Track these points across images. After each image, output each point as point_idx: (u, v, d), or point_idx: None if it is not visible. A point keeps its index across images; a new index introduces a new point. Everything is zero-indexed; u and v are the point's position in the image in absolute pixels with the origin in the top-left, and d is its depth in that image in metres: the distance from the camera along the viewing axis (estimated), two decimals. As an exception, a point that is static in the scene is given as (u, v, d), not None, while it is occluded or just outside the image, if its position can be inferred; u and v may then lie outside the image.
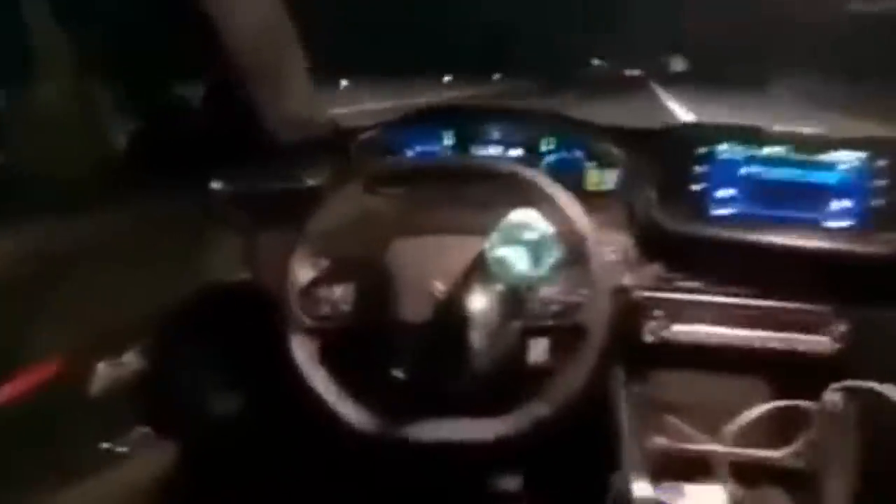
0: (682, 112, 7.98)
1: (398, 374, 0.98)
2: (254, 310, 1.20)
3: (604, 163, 1.25)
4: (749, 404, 1.16)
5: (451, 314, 0.94)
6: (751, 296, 1.13)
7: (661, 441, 1.18)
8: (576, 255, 0.96)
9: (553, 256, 0.92)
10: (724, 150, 1.11)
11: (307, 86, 1.37)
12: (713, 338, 1.13)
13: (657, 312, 1.14)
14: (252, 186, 1.26)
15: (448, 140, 1.31)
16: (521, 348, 1.05)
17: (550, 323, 1.00)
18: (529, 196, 0.97)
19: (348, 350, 1.04)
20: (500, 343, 0.97)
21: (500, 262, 0.90)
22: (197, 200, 1.24)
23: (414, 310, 0.97)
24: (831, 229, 1.09)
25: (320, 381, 1.00)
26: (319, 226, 1.03)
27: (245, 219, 1.27)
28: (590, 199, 1.01)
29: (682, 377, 1.20)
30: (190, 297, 1.19)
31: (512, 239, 0.91)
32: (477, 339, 0.94)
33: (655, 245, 1.15)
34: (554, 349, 1.03)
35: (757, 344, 1.12)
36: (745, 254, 1.12)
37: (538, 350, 1.07)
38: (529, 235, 0.91)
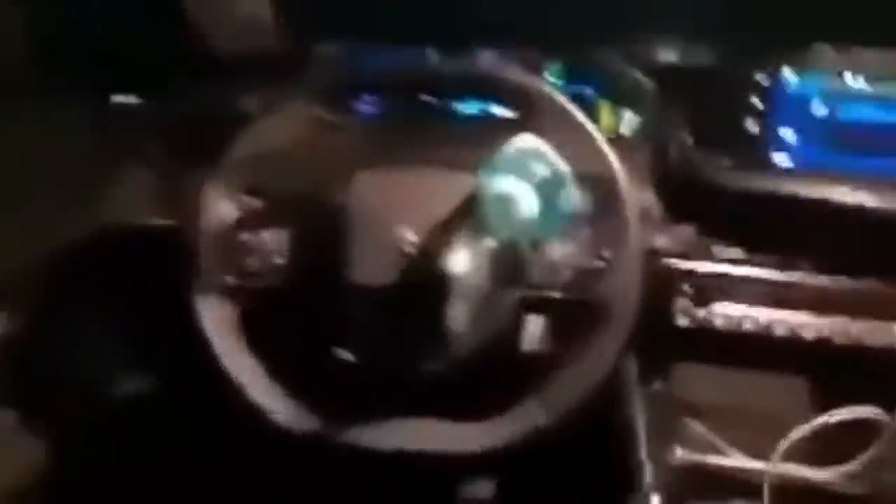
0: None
1: (348, 355, 0.73)
2: (164, 263, 0.93)
3: (622, 100, 0.98)
4: (799, 411, 0.91)
5: (424, 276, 0.68)
6: (813, 270, 0.87)
7: (686, 454, 0.93)
8: (599, 205, 0.70)
9: (569, 203, 0.66)
10: (791, 78, 0.85)
11: None
12: (759, 323, 0.87)
13: (688, 287, 0.88)
14: (168, 105, 0.97)
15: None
16: (517, 328, 0.78)
17: (559, 295, 0.73)
18: (539, 121, 0.70)
19: (280, 320, 0.78)
20: (491, 319, 0.71)
21: (500, 201, 0.62)
22: (95, 118, 0.96)
23: (373, 267, 0.70)
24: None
25: (238, 362, 0.74)
26: (247, 151, 0.75)
27: (156, 146, 0.98)
28: None
29: (716, 373, 0.95)
30: (80, 242, 0.92)
31: (515, 173, 0.64)
32: (459, 311, 0.68)
33: (689, 200, 0.88)
34: (560, 331, 0.77)
35: (815, 333, 0.86)
36: (810, 215, 0.85)
37: (538, 331, 0.81)
38: (539, 171, 0.64)
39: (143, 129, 0.97)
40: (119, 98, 0.94)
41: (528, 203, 0.61)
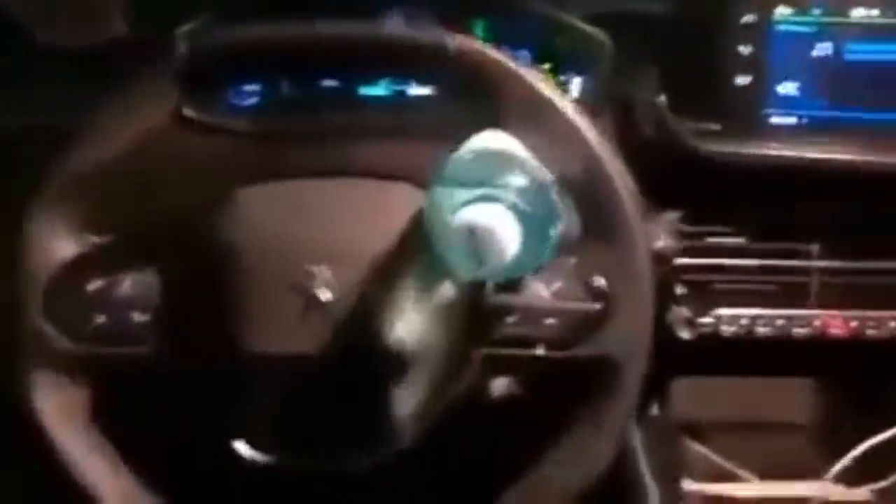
0: None
1: (245, 448, 0.52)
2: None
3: (563, 65, 0.79)
4: (825, 424, 0.76)
5: (351, 336, 0.48)
6: (832, 255, 0.71)
7: (695, 485, 0.77)
8: (591, 224, 0.50)
9: (554, 225, 0.46)
10: (784, 17, 0.68)
11: None
12: (776, 325, 0.71)
13: (684, 290, 0.71)
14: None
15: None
16: (485, 401, 0.58)
17: (542, 353, 0.52)
18: (504, 110, 0.50)
19: (146, 402, 0.57)
20: (447, 392, 0.52)
21: (464, 232, 0.42)
22: None
23: (276, 326, 0.49)
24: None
25: (88, 464, 0.52)
26: (88, 158, 0.52)
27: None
28: None
29: (720, 387, 0.78)
30: None
31: (479, 186, 0.43)
32: (402, 384, 0.49)
33: (670, 178, 0.70)
34: (546, 398, 0.57)
35: (844, 330, 0.71)
36: (821, 185, 0.69)
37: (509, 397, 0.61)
38: (513, 182, 0.44)
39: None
40: None
41: (506, 233, 0.41)
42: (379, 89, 0.81)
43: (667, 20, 0.73)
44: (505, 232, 0.41)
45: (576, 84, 0.79)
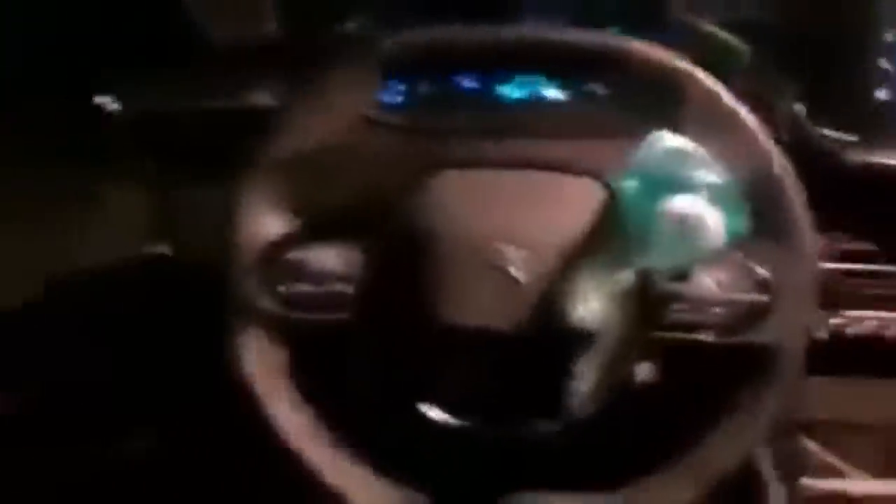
0: None
1: (436, 413, 0.57)
2: (175, 301, 0.76)
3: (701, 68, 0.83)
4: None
5: (539, 311, 0.52)
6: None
7: (814, 484, 0.79)
8: (764, 221, 0.53)
9: (739, 220, 0.50)
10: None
11: None
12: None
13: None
14: (166, 105, 0.78)
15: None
16: (652, 380, 0.62)
17: (708, 339, 0.55)
18: (679, 112, 0.53)
19: (345, 365, 0.63)
20: (621, 369, 0.56)
21: (672, 228, 0.46)
22: (80, 130, 0.77)
23: (469, 300, 0.54)
24: None
25: (289, 418, 0.57)
26: (296, 143, 0.57)
27: (156, 157, 0.79)
28: None
29: (843, 389, 0.80)
30: (70, 285, 0.74)
31: (676, 182, 0.47)
32: (583, 360, 0.53)
33: (806, 184, 0.74)
34: (706, 381, 0.61)
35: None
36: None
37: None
38: (701, 178, 0.48)
39: (129, 137, 0.79)
40: (102, 101, 0.76)
41: (715, 221, 0.45)
42: (518, 91, 0.85)
43: (808, 33, 0.75)
44: (712, 220, 0.45)
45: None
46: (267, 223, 0.57)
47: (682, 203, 0.45)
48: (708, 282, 0.54)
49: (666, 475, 0.55)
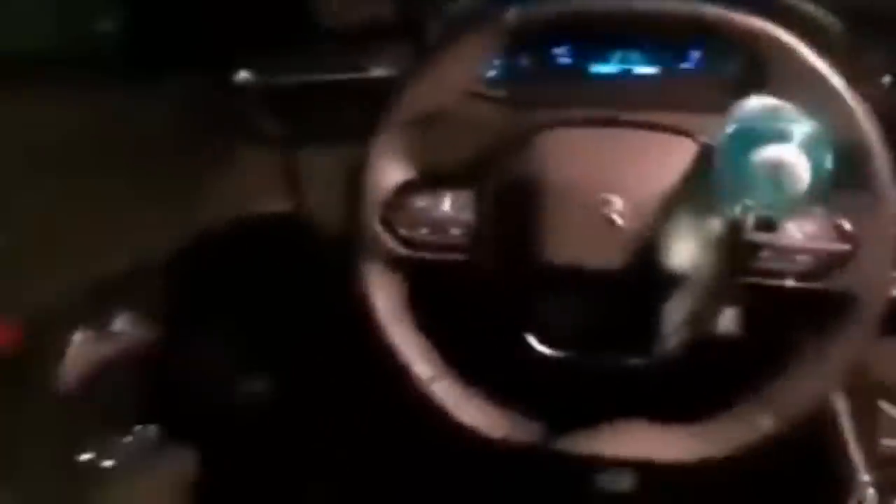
0: None
1: (541, 344, 0.62)
2: (300, 254, 0.84)
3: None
4: None
5: (636, 255, 0.57)
6: None
7: (893, 443, 0.81)
8: (849, 174, 0.56)
9: (829, 170, 0.53)
10: None
11: None
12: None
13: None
14: (292, 78, 0.86)
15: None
16: (739, 321, 0.67)
17: (793, 284, 0.59)
18: (771, 71, 0.57)
19: (460, 300, 0.69)
20: (711, 311, 0.61)
21: (766, 173, 0.50)
22: (216, 99, 0.86)
23: (574, 242, 0.59)
24: None
25: (408, 343, 0.64)
26: (425, 93, 0.63)
27: (284, 125, 0.88)
28: None
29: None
30: (207, 236, 0.83)
31: (771, 132, 0.52)
32: (676, 300, 0.58)
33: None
34: (790, 323, 0.65)
35: None
36: None
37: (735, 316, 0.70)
38: (799, 129, 0.53)
39: (261, 106, 0.88)
40: (241, 75, 0.84)
41: (802, 166, 0.50)
42: (609, 67, 0.90)
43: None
44: (803, 167, 0.49)
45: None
46: (391, 174, 0.64)
47: (775, 151, 0.50)
48: (794, 231, 0.59)
49: (746, 408, 0.60)
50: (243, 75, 0.85)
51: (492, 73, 0.82)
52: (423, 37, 0.88)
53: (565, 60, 0.84)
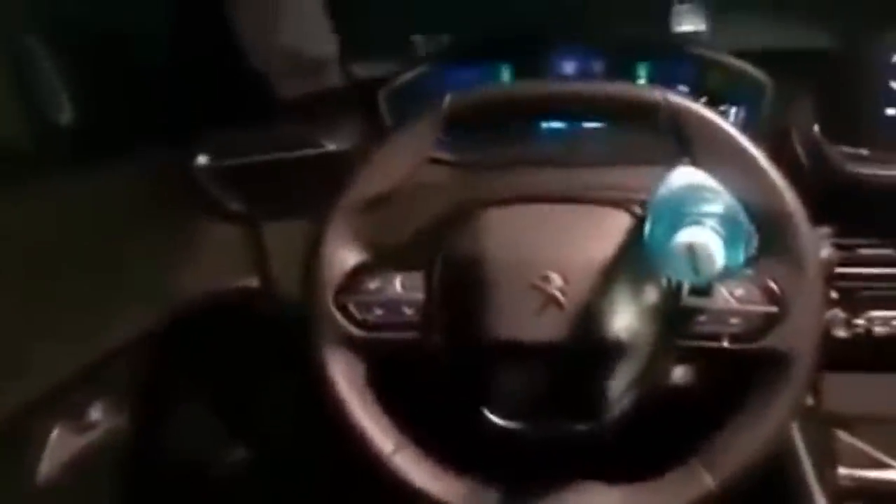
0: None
1: (494, 416, 0.65)
2: (266, 327, 0.87)
3: (720, 98, 0.89)
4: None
5: (578, 328, 0.60)
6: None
7: (850, 473, 0.84)
8: (773, 242, 0.60)
9: (747, 243, 0.58)
10: (932, 55, 0.76)
11: (321, 20, 0.98)
12: (923, 326, 0.79)
13: (838, 295, 0.80)
14: (251, 158, 0.90)
15: (507, 79, 0.95)
16: (677, 384, 0.71)
17: (727, 346, 0.62)
18: (693, 146, 0.61)
19: (414, 377, 0.71)
20: (650, 375, 0.63)
21: (682, 255, 0.54)
22: (176, 181, 0.89)
23: (516, 319, 0.62)
24: None
25: (369, 420, 0.66)
26: (368, 188, 0.66)
27: (244, 202, 0.91)
28: None
29: (872, 383, 0.86)
30: (176, 316, 0.85)
31: (687, 215, 0.56)
32: (617, 368, 0.61)
33: (825, 198, 0.80)
34: (726, 384, 0.68)
35: None
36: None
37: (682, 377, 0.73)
38: (713, 209, 0.56)
39: (222, 185, 0.91)
40: (200, 159, 0.87)
41: (716, 248, 0.53)
42: (559, 122, 0.94)
43: (820, 57, 0.81)
44: (715, 250, 0.53)
45: (732, 115, 0.89)
46: (344, 258, 0.67)
47: (689, 235, 0.53)
48: (726, 296, 0.62)
49: (692, 466, 0.62)
50: (202, 159, 0.88)
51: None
52: (377, 111, 0.93)
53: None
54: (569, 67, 0.96)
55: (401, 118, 0.76)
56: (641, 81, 0.92)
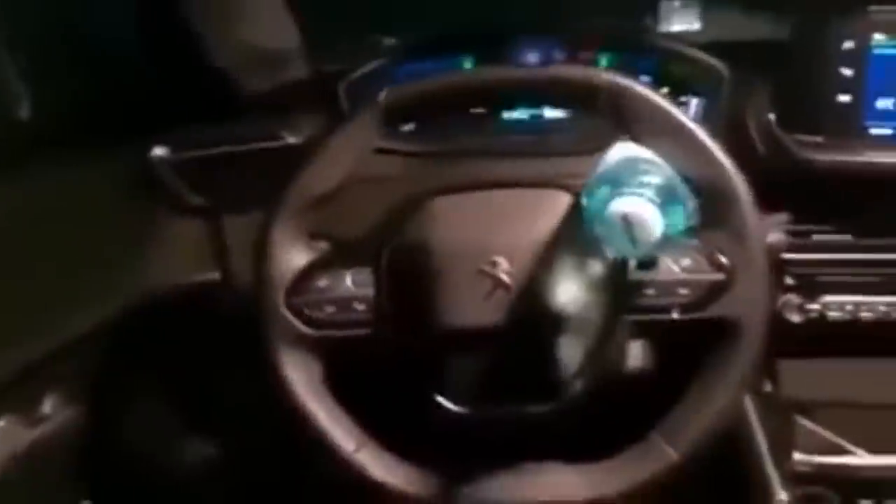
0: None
1: (447, 403, 0.66)
2: (225, 321, 0.86)
3: (681, 88, 0.91)
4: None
5: (526, 309, 0.61)
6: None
7: (806, 457, 0.85)
8: (713, 212, 0.61)
9: (687, 214, 0.58)
10: (881, 41, 0.76)
11: (281, 14, 0.98)
12: (878, 311, 0.80)
13: (794, 281, 0.81)
14: (210, 150, 0.89)
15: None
16: (631, 357, 0.71)
17: (678, 316, 0.63)
18: (633, 123, 0.62)
19: (369, 370, 0.71)
20: (602, 351, 0.64)
21: (618, 222, 0.54)
22: (135, 174, 0.88)
23: (468, 305, 0.62)
24: None
25: (329, 420, 0.66)
26: (314, 180, 0.66)
27: (204, 195, 0.91)
28: None
29: (827, 368, 0.87)
30: (133, 309, 0.84)
31: (625, 186, 0.56)
32: (567, 346, 0.62)
33: (781, 185, 0.81)
34: (681, 355, 0.69)
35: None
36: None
37: (640, 352, 0.74)
38: (652, 181, 0.57)
39: (181, 179, 0.90)
40: (156, 151, 0.87)
41: (653, 217, 0.54)
42: (519, 114, 0.94)
43: (776, 47, 0.82)
44: (651, 218, 0.53)
45: (693, 105, 0.90)
46: (293, 258, 0.67)
47: (625, 205, 0.54)
48: (673, 267, 0.63)
49: (652, 440, 0.63)
50: (158, 151, 0.87)
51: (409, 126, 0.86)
52: (337, 103, 0.93)
53: (477, 109, 0.88)
54: (531, 59, 0.97)
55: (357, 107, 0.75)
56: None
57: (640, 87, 0.62)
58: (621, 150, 0.60)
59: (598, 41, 0.94)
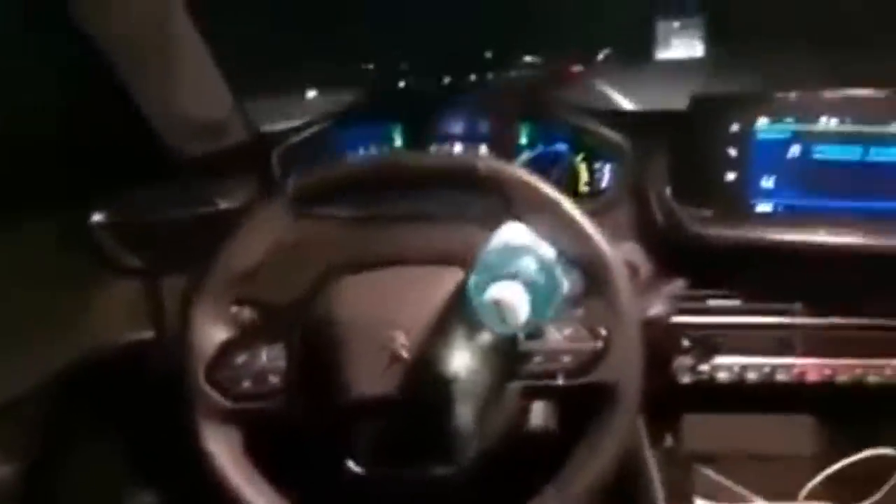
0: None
1: (355, 466, 0.70)
2: (161, 381, 0.90)
3: (595, 155, 0.98)
4: (811, 452, 0.90)
5: (422, 379, 0.66)
6: (810, 313, 0.87)
7: (705, 506, 0.92)
8: (590, 284, 0.67)
9: (561, 290, 0.64)
10: (764, 126, 0.84)
11: (216, 81, 1.05)
12: (763, 372, 0.87)
13: (688, 343, 0.88)
14: (146, 215, 0.94)
15: (398, 139, 1.03)
16: (523, 419, 0.77)
17: (561, 383, 0.69)
18: (519, 208, 0.68)
19: (283, 440, 0.75)
20: (495, 415, 0.69)
21: (492, 306, 0.60)
22: (74, 238, 0.93)
23: (370, 376, 0.67)
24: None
25: (252, 492, 0.70)
26: (231, 264, 0.72)
27: (142, 258, 0.95)
28: (581, 204, 0.68)
29: (724, 422, 0.94)
30: (74, 367, 0.88)
31: (503, 269, 0.62)
32: (462, 412, 0.67)
33: (676, 253, 0.88)
34: (568, 416, 0.74)
35: (819, 375, 0.86)
36: (797, 258, 0.85)
37: (543, 416, 0.80)
38: (528, 264, 0.63)
39: (119, 242, 0.95)
40: (95, 217, 0.91)
41: (520, 303, 0.60)
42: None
43: (673, 131, 0.89)
44: (518, 303, 0.59)
45: (607, 171, 0.98)
46: (212, 336, 0.72)
47: (496, 291, 0.60)
48: (558, 336, 0.69)
49: (545, 494, 0.67)
50: (97, 217, 0.92)
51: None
52: (269, 171, 0.98)
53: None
54: (455, 128, 1.04)
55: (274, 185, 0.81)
56: (523, 141, 1.01)
57: (515, 170, 0.68)
58: (506, 233, 0.66)
59: (519, 112, 1.00)
